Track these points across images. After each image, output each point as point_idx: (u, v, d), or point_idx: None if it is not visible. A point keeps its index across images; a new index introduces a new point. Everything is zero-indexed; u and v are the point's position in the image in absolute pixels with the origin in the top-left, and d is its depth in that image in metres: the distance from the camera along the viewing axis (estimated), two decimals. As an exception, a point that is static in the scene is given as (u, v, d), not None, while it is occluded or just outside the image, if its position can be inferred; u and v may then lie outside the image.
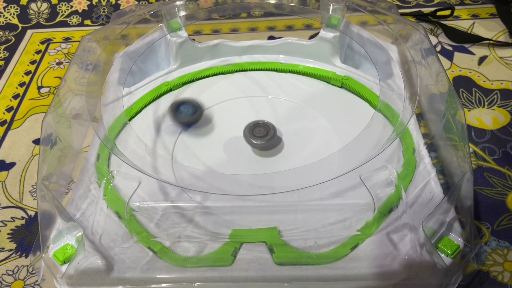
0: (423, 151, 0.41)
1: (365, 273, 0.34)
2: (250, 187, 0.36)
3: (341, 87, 0.50)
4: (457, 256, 0.33)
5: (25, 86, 0.60)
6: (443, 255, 0.33)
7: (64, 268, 0.34)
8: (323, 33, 0.51)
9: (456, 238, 0.34)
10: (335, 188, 0.39)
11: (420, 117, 0.48)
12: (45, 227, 0.35)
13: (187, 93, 0.50)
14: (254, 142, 0.42)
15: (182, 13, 0.50)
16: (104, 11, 0.71)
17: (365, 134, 0.37)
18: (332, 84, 0.50)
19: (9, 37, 0.68)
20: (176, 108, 0.45)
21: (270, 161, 0.43)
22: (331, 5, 0.50)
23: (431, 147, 0.44)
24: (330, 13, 0.50)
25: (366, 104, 0.47)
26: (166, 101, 0.49)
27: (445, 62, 0.58)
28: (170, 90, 0.50)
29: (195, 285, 0.34)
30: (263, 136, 0.42)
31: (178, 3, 0.50)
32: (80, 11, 0.71)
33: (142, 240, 0.36)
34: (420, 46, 0.45)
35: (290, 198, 0.37)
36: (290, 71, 0.52)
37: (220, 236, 0.36)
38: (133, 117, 0.47)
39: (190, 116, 0.45)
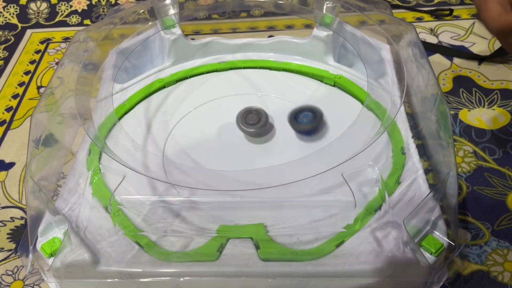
0: (412, 149, 0.41)
1: (349, 270, 0.34)
2: (236, 183, 0.37)
3: (333, 85, 0.50)
4: (441, 254, 0.33)
5: (24, 86, 0.60)
6: (426, 253, 0.33)
7: (50, 261, 0.34)
8: (316, 31, 0.51)
9: (440, 237, 0.34)
10: (322, 185, 0.39)
11: (410, 117, 0.48)
12: (34, 221, 0.36)
13: (179, 90, 0.50)
14: (247, 129, 0.43)
15: (176, 10, 0.50)
16: (103, 11, 0.71)
17: (351, 131, 0.37)
18: (325, 83, 0.50)
19: (9, 37, 0.69)
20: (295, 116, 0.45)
21: (260, 158, 0.43)
22: (325, 4, 0.50)
23: (420, 146, 0.44)
24: (324, 12, 0.50)
25: (358, 103, 0.47)
26: (158, 98, 0.49)
27: (445, 62, 0.58)
28: (164, 87, 0.50)
29: (181, 279, 0.35)
30: (255, 124, 0.43)
31: (172, 0, 0.50)
32: (79, 10, 0.72)
33: (129, 233, 0.36)
34: (411, 46, 0.45)
35: (277, 194, 0.37)
36: (283, 69, 0.52)
37: (207, 231, 0.36)
38: (125, 113, 0.47)
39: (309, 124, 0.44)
